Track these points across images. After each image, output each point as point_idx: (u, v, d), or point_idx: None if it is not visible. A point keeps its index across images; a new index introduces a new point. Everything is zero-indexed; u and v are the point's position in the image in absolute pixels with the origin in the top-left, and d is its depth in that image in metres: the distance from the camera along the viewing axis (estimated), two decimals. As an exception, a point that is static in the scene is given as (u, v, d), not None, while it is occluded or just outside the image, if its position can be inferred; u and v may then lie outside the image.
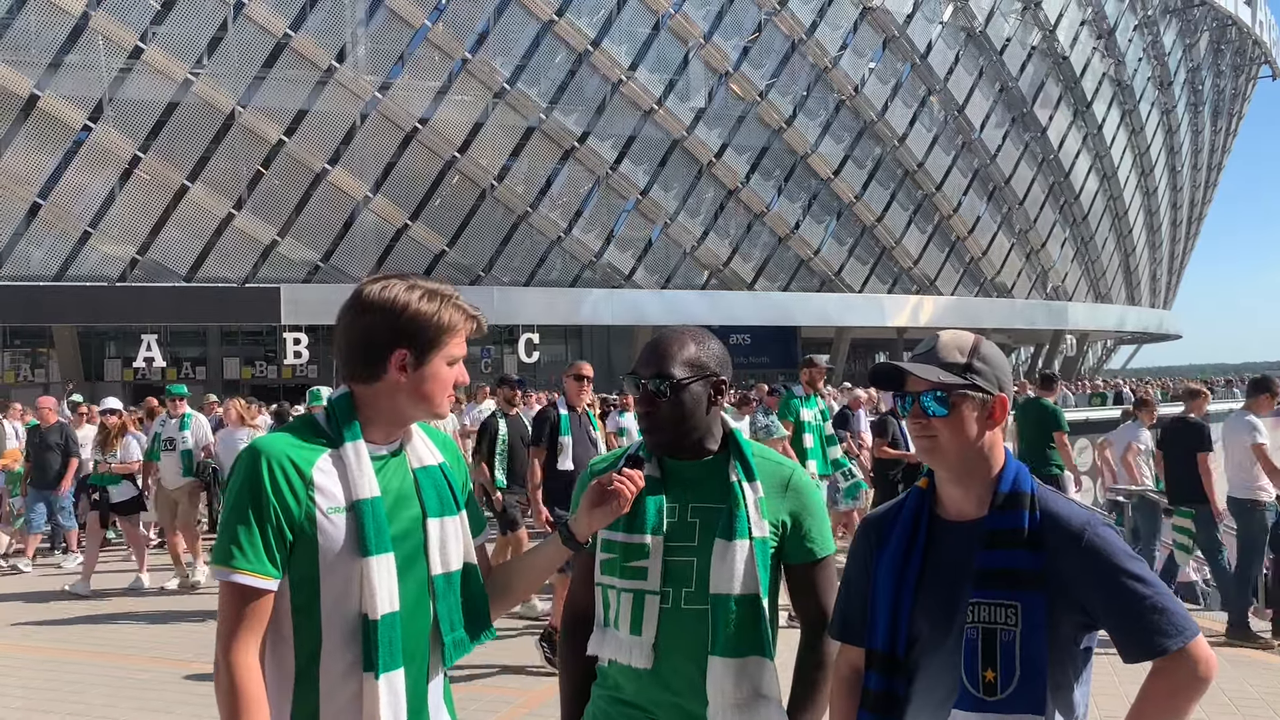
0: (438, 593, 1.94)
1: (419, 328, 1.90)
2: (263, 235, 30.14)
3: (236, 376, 33.01)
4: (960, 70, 39.55)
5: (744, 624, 2.06)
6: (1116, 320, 50.60)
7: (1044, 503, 1.85)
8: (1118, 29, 44.87)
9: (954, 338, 1.91)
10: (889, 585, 1.90)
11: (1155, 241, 52.63)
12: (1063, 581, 1.79)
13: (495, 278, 32.53)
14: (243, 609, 1.80)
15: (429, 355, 1.91)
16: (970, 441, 1.86)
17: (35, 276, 28.14)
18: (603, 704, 2.18)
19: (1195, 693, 1.77)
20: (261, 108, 29.67)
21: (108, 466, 9.58)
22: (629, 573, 2.10)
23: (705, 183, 35.49)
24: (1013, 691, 1.75)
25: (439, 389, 1.93)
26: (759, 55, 35.91)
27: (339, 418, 1.92)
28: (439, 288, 1.95)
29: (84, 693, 6.16)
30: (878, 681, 1.90)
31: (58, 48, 27.91)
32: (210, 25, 29.12)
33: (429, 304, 1.91)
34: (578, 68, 33.38)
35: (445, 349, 1.93)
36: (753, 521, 2.09)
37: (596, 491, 2.01)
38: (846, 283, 38.01)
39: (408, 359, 1.90)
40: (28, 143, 27.98)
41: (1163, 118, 49.17)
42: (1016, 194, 41.91)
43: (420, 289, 1.92)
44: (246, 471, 1.84)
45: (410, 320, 1.90)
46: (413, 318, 1.90)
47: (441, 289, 1.95)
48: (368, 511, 1.85)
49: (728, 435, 2.20)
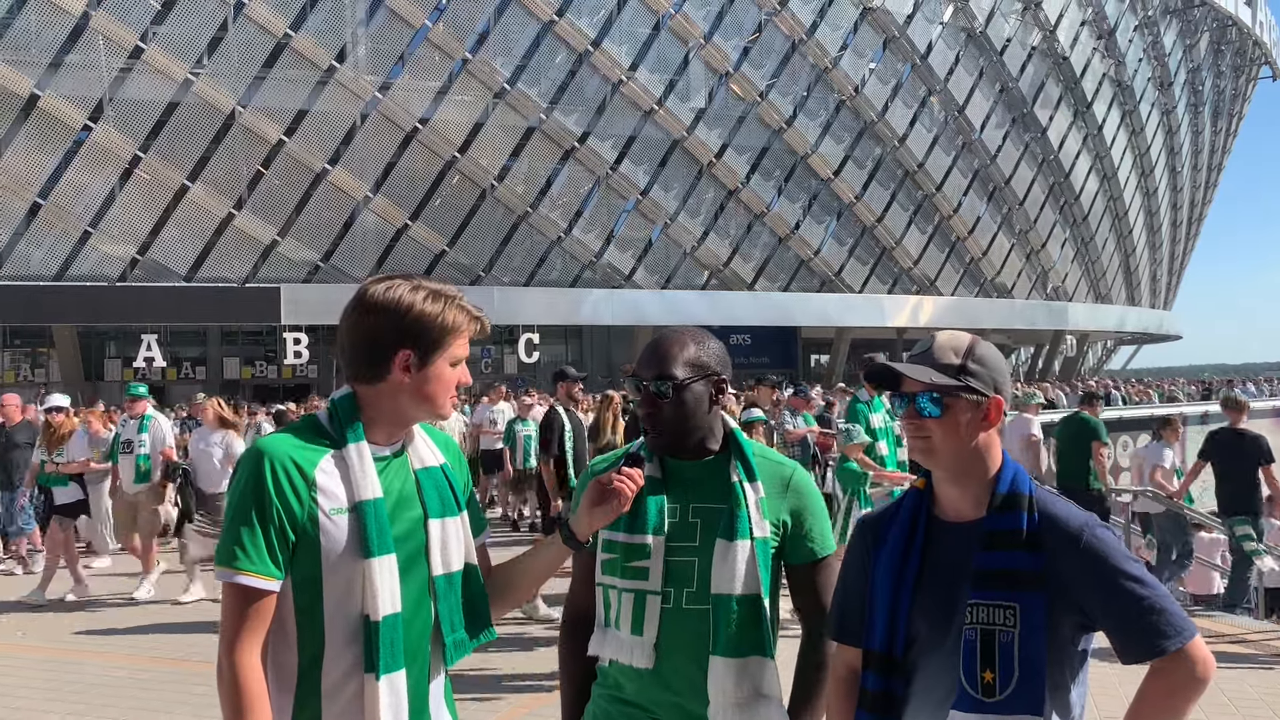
0: (439, 593, 1.94)
1: (423, 328, 1.90)
2: (263, 235, 30.13)
3: (236, 376, 33.03)
4: (960, 71, 39.54)
5: (745, 624, 2.06)
6: (1116, 321, 50.58)
7: (1042, 504, 1.85)
8: (1118, 29, 44.86)
9: (950, 338, 1.91)
10: (887, 585, 1.91)
11: (1155, 242, 52.61)
12: (1061, 583, 1.79)
13: (495, 278, 32.52)
14: (245, 610, 1.80)
15: (433, 356, 1.91)
16: (964, 443, 1.86)
17: (35, 276, 28.13)
18: (603, 704, 2.19)
19: (1193, 693, 1.78)
20: (262, 108, 29.67)
21: (54, 467, 9.33)
22: (630, 573, 2.11)
23: (705, 183, 35.48)
24: (1011, 692, 1.75)
25: (442, 390, 1.94)
26: (759, 55, 35.90)
27: (342, 418, 1.92)
28: (443, 288, 1.95)
29: (84, 692, 6.16)
30: (875, 682, 1.90)
31: (58, 47, 27.89)
32: (210, 25, 29.11)
33: (433, 305, 1.91)
34: (578, 68, 33.38)
35: (449, 350, 1.93)
36: (754, 521, 2.09)
37: (596, 491, 2.02)
38: (846, 283, 38.00)
39: (411, 359, 1.90)
40: (28, 142, 27.98)
41: (1163, 118, 49.16)
42: (1017, 194, 41.90)
43: (425, 289, 1.93)
44: (249, 472, 1.84)
45: (415, 321, 1.90)
46: (417, 318, 1.90)
47: (445, 290, 1.95)
48: (370, 513, 1.85)
49: (729, 435, 2.21)
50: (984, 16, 39.53)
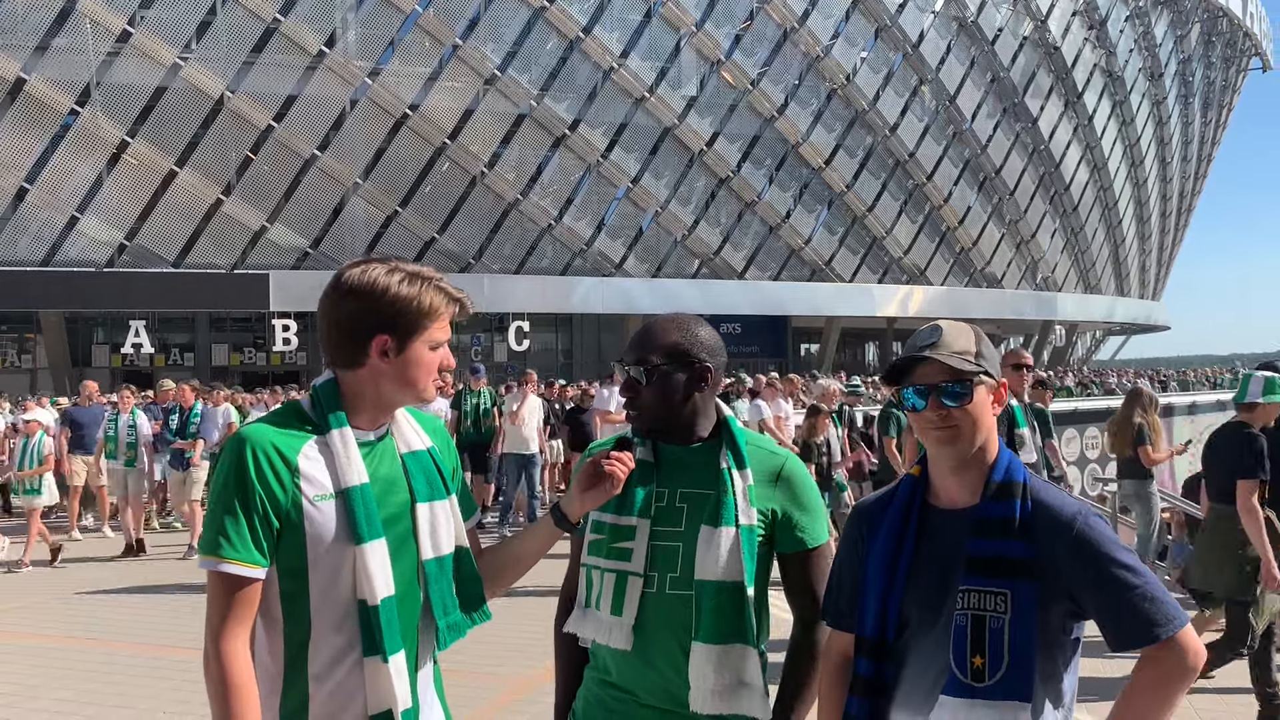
0: (429, 577, 1.93)
1: (399, 312, 1.87)
2: (252, 221, 30.01)
3: (225, 363, 32.92)
4: (952, 60, 39.55)
5: (727, 611, 2.06)
6: (1105, 311, 50.78)
7: (1035, 492, 1.86)
8: (1109, 20, 44.92)
9: (959, 328, 1.93)
10: (880, 572, 1.91)
11: (1145, 233, 52.79)
12: (1053, 570, 1.80)
13: (485, 265, 32.46)
14: (231, 598, 1.79)
15: (410, 340, 1.89)
16: (988, 428, 1.88)
17: (22, 262, 27.97)
18: (593, 687, 2.20)
19: (1183, 681, 1.79)
20: (250, 93, 29.51)
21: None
22: (614, 553, 2.11)
23: (696, 171, 35.45)
24: (1000, 678, 1.76)
25: (423, 374, 1.91)
26: (751, 44, 35.84)
27: (324, 404, 1.90)
28: (419, 270, 1.91)
29: (69, 678, 6.14)
30: (867, 667, 1.91)
31: (44, 31, 27.68)
32: (199, 9, 28.92)
33: (409, 287, 1.88)
34: (569, 55, 33.27)
35: (427, 333, 1.90)
36: (740, 509, 2.09)
37: (588, 473, 2.02)
38: (837, 272, 38.04)
39: (389, 344, 1.87)
40: (14, 127, 27.78)
41: (1153, 109, 49.28)
42: (1007, 184, 41.98)
43: (401, 272, 1.89)
44: (231, 460, 1.82)
45: (390, 304, 1.87)
46: (392, 302, 1.87)
47: (422, 271, 1.92)
48: (357, 498, 1.84)
49: (722, 422, 2.20)
50: (975, 6, 39.54)
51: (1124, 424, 9.03)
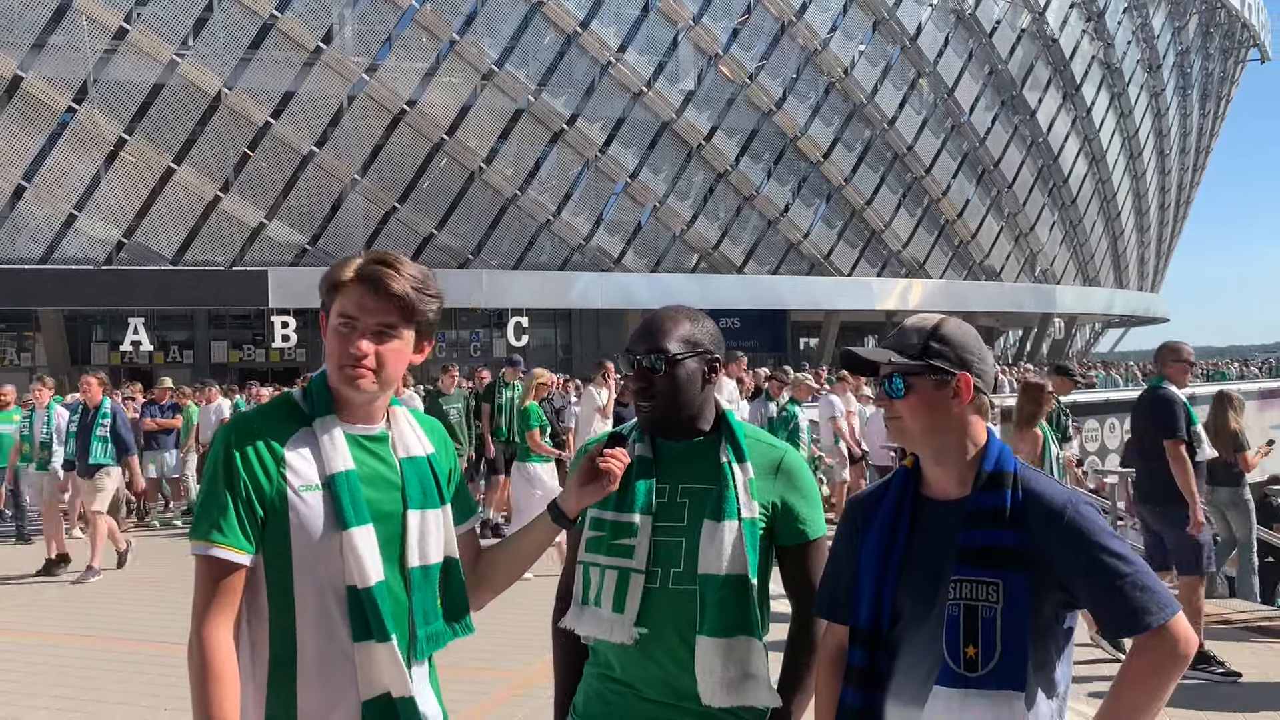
0: (413, 585, 1.92)
1: (323, 289, 1.92)
2: (250, 218, 29.99)
3: (224, 360, 32.92)
4: (950, 53, 39.51)
5: (732, 604, 2.06)
6: (1104, 303, 50.79)
7: (1026, 482, 1.87)
8: (1107, 12, 44.86)
9: (916, 320, 1.96)
10: (874, 563, 1.92)
11: (1143, 225, 52.79)
12: (1045, 559, 1.81)
13: (484, 261, 32.45)
14: (217, 584, 1.80)
15: (327, 315, 1.91)
16: (934, 421, 1.89)
17: (20, 260, 27.95)
18: (595, 683, 2.20)
19: (1175, 670, 1.79)
20: (248, 89, 29.48)
21: None
22: (615, 550, 2.11)
23: (695, 165, 35.43)
24: (994, 668, 1.77)
25: (331, 349, 1.89)
26: (749, 37, 35.80)
27: (314, 396, 1.92)
28: (369, 253, 1.92)
29: (67, 676, 6.15)
30: (861, 657, 1.92)
31: (41, 28, 27.65)
32: (196, 6, 28.89)
33: (337, 267, 1.92)
34: (566, 49, 33.24)
35: (335, 305, 1.89)
36: (742, 503, 2.09)
37: (584, 470, 2.03)
38: (836, 266, 38.03)
39: (324, 322, 1.92)
40: (11, 124, 27.75)
41: (1151, 101, 49.23)
42: (1005, 177, 41.96)
43: (352, 258, 1.93)
44: (220, 448, 1.86)
45: (322, 283, 1.92)
46: (323, 280, 1.92)
47: (371, 254, 1.92)
48: (342, 484, 1.85)
49: (720, 416, 2.21)
50: (974, -2, 39.50)
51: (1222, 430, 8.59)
